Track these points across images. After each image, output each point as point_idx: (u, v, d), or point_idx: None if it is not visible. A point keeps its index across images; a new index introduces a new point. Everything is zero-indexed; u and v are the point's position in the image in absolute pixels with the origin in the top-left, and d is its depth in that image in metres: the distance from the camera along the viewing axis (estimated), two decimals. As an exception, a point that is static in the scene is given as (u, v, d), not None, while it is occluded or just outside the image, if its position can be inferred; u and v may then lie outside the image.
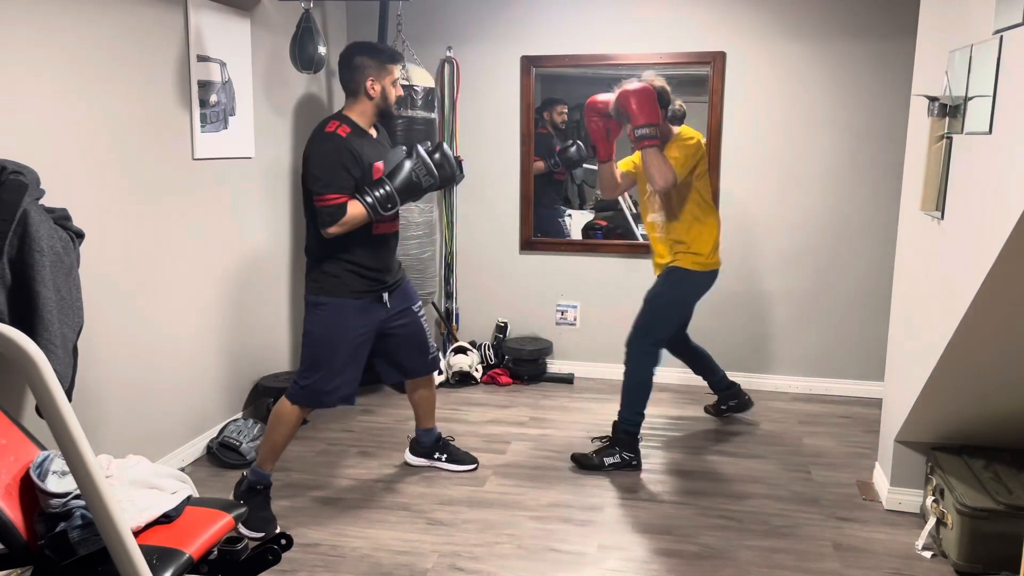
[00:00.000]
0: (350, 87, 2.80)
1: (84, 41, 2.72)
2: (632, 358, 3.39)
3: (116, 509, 1.50)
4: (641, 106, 3.14)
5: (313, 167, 2.69)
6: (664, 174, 3.16)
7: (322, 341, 2.81)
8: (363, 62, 2.76)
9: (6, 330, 1.37)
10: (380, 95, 2.80)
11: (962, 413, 2.77)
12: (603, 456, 3.35)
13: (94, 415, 2.80)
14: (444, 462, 3.35)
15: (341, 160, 2.68)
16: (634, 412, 3.38)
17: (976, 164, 2.28)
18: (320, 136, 2.72)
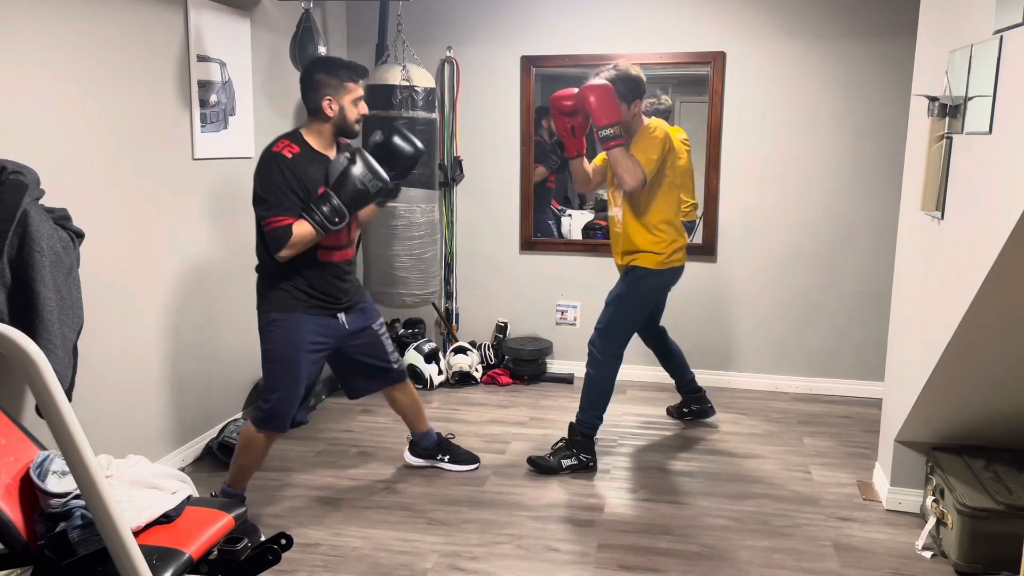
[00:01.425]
0: (309, 105, 2.73)
1: (84, 41, 2.72)
2: (593, 360, 3.32)
3: (116, 509, 1.50)
4: (601, 105, 3.04)
5: (258, 188, 2.63)
6: (633, 173, 3.09)
7: (282, 358, 2.74)
8: (320, 80, 2.68)
9: (6, 330, 1.37)
10: (338, 114, 2.71)
11: (962, 413, 2.77)
12: (560, 458, 3.29)
13: (94, 415, 2.79)
14: (447, 463, 3.32)
15: (285, 181, 2.60)
16: (593, 415, 3.32)
17: (976, 164, 2.28)
18: (265, 157, 2.66)
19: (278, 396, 2.75)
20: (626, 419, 3.97)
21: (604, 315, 3.35)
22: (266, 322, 2.75)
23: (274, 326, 2.73)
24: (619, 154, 3.08)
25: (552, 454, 3.34)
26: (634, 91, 3.16)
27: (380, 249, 3.96)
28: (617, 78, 3.15)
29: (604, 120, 3.04)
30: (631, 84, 3.15)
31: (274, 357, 2.75)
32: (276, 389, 2.76)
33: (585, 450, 3.32)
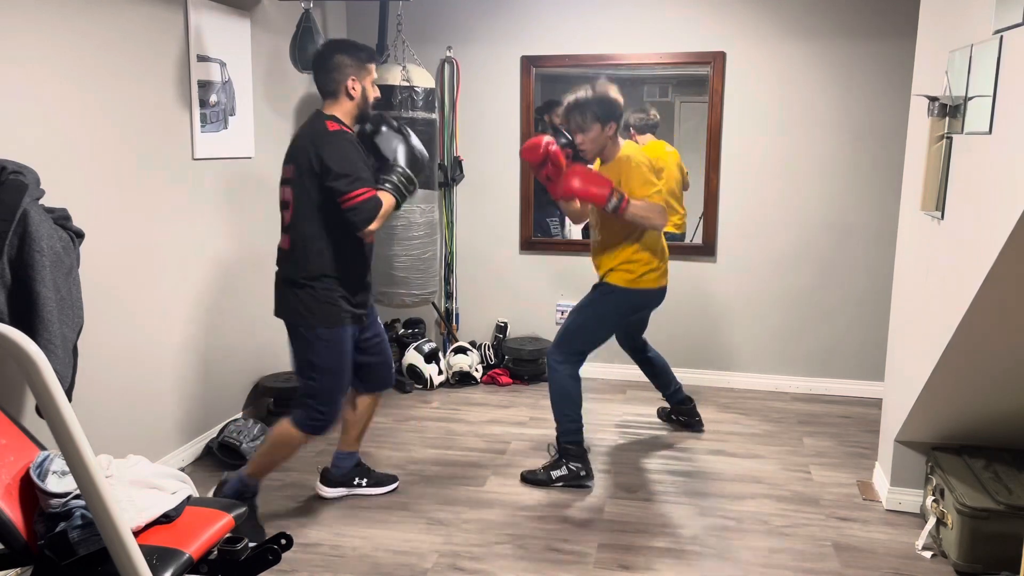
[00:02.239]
0: (328, 88, 2.67)
1: (84, 41, 2.72)
2: (550, 369, 3.25)
3: (116, 509, 1.50)
4: (588, 187, 2.99)
5: (336, 166, 2.52)
6: (658, 214, 3.06)
7: (334, 370, 2.70)
8: (343, 61, 2.65)
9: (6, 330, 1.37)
10: (360, 95, 2.69)
11: (962, 413, 2.77)
12: (550, 471, 3.22)
13: (94, 415, 2.79)
14: (365, 486, 3.12)
15: (359, 155, 2.60)
16: (568, 424, 3.22)
17: (976, 164, 2.28)
18: (330, 135, 2.58)
19: (332, 407, 2.73)
20: (626, 419, 3.97)
21: (565, 323, 3.28)
22: (313, 337, 2.67)
23: (323, 341, 2.67)
24: (636, 210, 3.02)
25: (544, 467, 3.26)
26: (609, 113, 3.08)
27: (380, 249, 3.96)
28: (593, 100, 3.09)
29: (602, 199, 2.99)
30: (606, 106, 3.08)
31: (325, 369, 2.69)
32: (330, 400, 2.72)
33: (576, 459, 3.21)
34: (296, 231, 2.64)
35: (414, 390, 4.38)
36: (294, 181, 2.62)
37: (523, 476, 3.27)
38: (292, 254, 2.67)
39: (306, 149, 2.58)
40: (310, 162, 2.56)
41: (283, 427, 2.75)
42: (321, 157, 2.54)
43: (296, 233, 2.64)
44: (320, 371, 2.69)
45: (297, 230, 2.63)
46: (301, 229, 2.63)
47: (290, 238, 2.66)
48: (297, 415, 2.73)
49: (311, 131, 2.63)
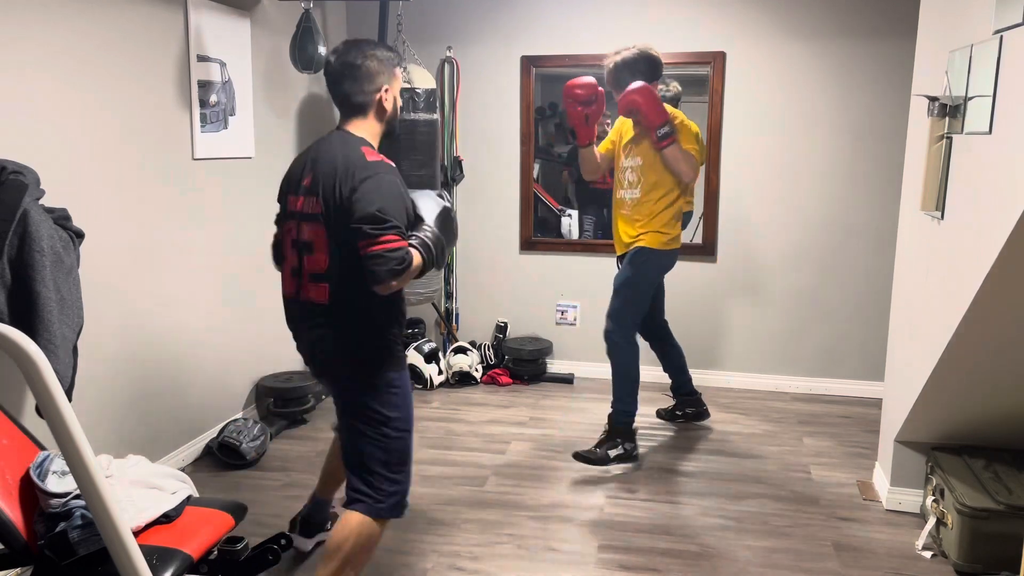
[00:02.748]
0: (357, 101, 2.17)
1: (84, 41, 2.72)
2: (615, 347, 3.36)
3: (116, 509, 1.50)
4: (651, 106, 3.13)
5: (368, 203, 2.01)
6: (692, 165, 3.22)
7: (406, 426, 2.25)
8: (376, 68, 2.16)
9: (6, 330, 1.37)
10: (392, 109, 2.24)
11: (962, 413, 2.77)
12: (607, 448, 3.33)
13: (94, 415, 2.80)
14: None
15: (402, 198, 2.10)
16: (629, 402, 3.37)
17: (976, 164, 2.28)
18: (371, 166, 2.07)
19: (406, 472, 2.28)
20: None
21: (615, 301, 3.38)
22: (384, 384, 2.18)
23: (395, 389, 2.21)
24: (676, 150, 3.18)
25: (597, 445, 3.35)
26: (655, 72, 3.23)
27: (380, 249, 3.95)
28: (640, 58, 3.21)
29: (659, 119, 3.14)
30: (653, 64, 3.23)
31: (403, 425, 2.23)
32: (405, 464, 2.27)
33: (628, 438, 3.37)
34: (336, 278, 2.11)
35: (414, 390, 4.38)
36: (325, 219, 2.09)
37: (577, 455, 3.32)
38: (336, 308, 2.13)
39: (337, 180, 2.06)
40: (342, 196, 2.05)
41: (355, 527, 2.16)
42: (355, 190, 2.03)
43: (337, 281, 2.11)
44: (396, 428, 2.21)
45: (338, 277, 2.10)
46: (343, 276, 2.10)
47: (329, 289, 2.11)
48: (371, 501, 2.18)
49: (344, 159, 2.09)
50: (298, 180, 2.20)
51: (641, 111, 3.15)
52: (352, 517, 2.16)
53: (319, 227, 2.10)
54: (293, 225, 2.20)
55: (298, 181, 2.20)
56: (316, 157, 2.17)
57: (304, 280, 2.16)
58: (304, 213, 2.14)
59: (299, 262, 2.17)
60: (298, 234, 2.17)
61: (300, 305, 2.20)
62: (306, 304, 2.17)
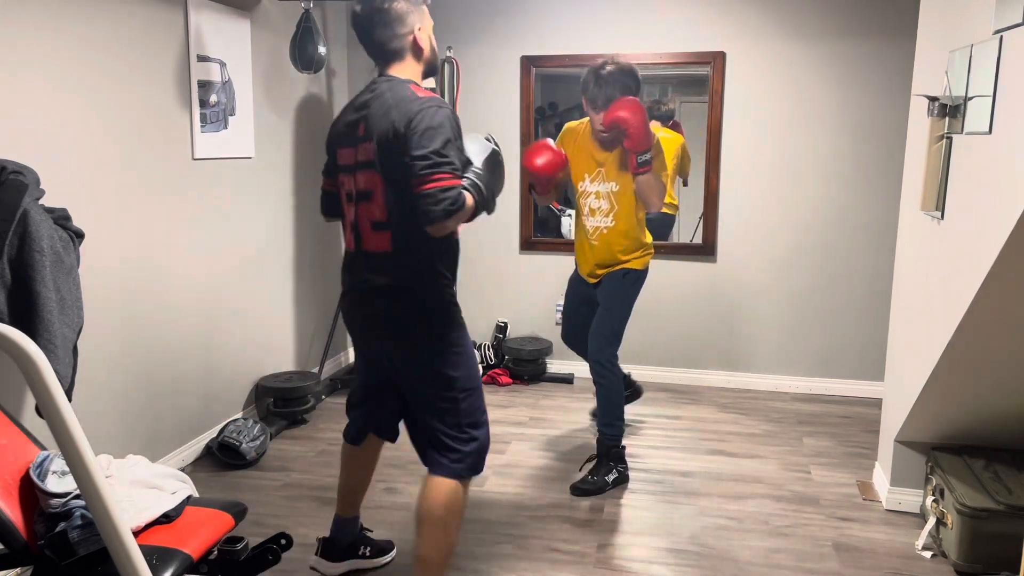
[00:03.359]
0: (392, 46, 2.11)
1: (84, 41, 2.72)
2: (604, 370, 3.18)
3: (116, 509, 1.50)
4: (642, 128, 2.91)
5: (423, 139, 1.95)
6: (661, 194, 3.06)
7: (476, 383, 2.22)
8: (404, 8, 2.10)
9: (6, 330, 1.37)
10: (430, 47, 2.19)
11: (962, 413, 2.77)
12: (603, 475, 3.18)
13: (94, 415, 2.80)
14: (368, 556, 2.62)
15: (457, 135, 2.06)
16: (618, 425, 3.22)
17: (976, 164, 2.28)
18: (421, 101, 2.01)
19: (485, 429, 2.24)
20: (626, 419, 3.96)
21: (606, 323, 3.20)
22: (445, 346, 2.16)
23: (458, 349, 2.19)
24: (652, 179, 3.00)
25: (592, 474, 3.20)
26: (638, 85, 3.05)
27: (380, 249, 3.96)
28: (628, 72, 3.02)
29: (645, 144, 2.93)
30: (639, 81, 3.05)
31: (469, 384, 2.19)
32: (481, 423, 2.23)
33: (621, 460, 3.24)
34: (398, 225, 2.06)
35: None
36: (380, 163, 2.03)
37: (574, 488, 3.16)
38: (398, 257, 2.09)
39: (390, 121, 2.00)
40: (396, 136, 1.99)
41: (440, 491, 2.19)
42: (408, 127, 1.97)
43: (399, 227, 2.06)
44: (463, 387, 2.18)
45: (399, 224, 2.06)
46: (404, 222, 2.05)
47: (391, 236, 2.07)
48: (448, 462, 2.18)
49: (394, 99, 2.04)
50: (349, 130, 2.14)
51: (630, 132, 2.90)
52: (436, 484, 2.17)
53: (374, 173, 2.05)
54: (347, 177, 2.15)
55: (349, 131, 2.14)
56: (366, 104, 2.11)
57: (365, 230, 2.11)
58: (359, 162, 2.09)
59: (356, 213, 2.12)
60: (355, 184, 2.11)
61: (362, 257, 2.13)
62: (368, 255, 2.12)
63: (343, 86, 4.69)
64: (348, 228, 2.19)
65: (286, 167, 4.10)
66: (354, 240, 2.16)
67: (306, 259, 4.32)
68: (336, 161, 2.22)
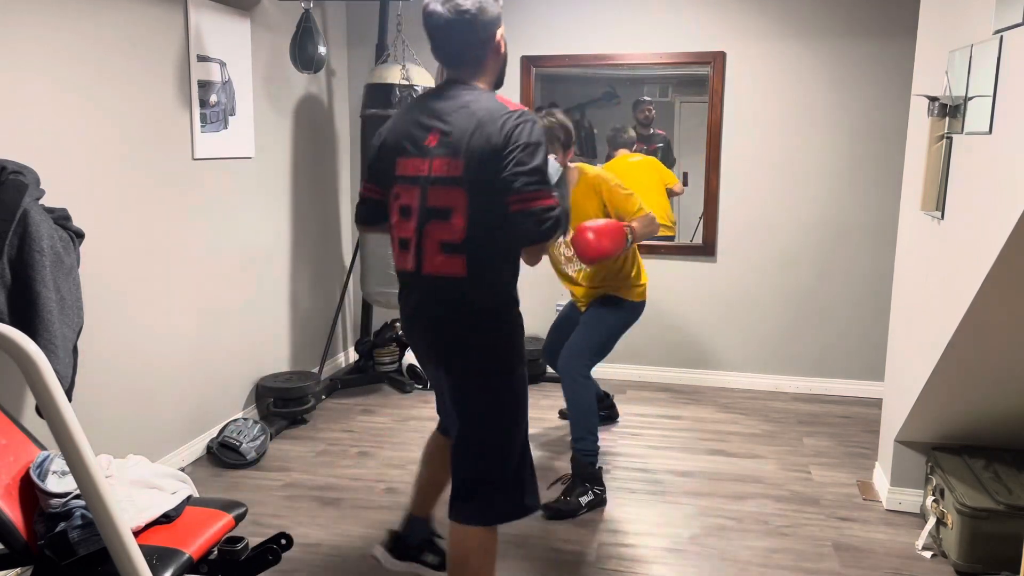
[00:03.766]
0: (475, 51, 1.93)
1: (84, 41, 2.72)
2: (576, 383, 3.07)
3: (116, 509, 1.50)
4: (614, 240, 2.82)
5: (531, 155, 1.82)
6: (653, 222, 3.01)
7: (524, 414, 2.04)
8: (492, 10, 1.91)
9: (6, 330, 1.37)
10: (505, 55, 2.03)
11: (962, 413, 2.77)
12: (577, 496, 2.99)
13: (94, 415, 2.80)
14: (432, 566, 2.46)
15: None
16: (592, 442, 3.06)
17: (976, 164, 2.28)
18: (519, 115, 1.86)
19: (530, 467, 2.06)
20: (626, 419, 3.97)
21: (582, 339, 3.13)
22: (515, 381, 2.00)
23: (519, 378, 2.01)
24: (641, 230, 2.96)
25: (565, 495, 3.01)
26: (570, 139, 2.93)
27: (380, 249, 3.96)
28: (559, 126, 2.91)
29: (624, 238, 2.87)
30: (568, 132, 2.92)
31: (524, 420, 2.03)
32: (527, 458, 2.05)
33: (597, 481, 3.06)
34: (476, 248, 1.88)
35: (414, 390, 4.38)
36: (469, 180, 1.85)
37: (548, 510, 2.93)
38: (474, 283, 1.90)
39: (483, 135, 1.83)
40: (491, 151, 1.82)
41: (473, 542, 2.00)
42: (510, 141, 1.82)
43: (477, 251, 1.88)
44: (520, 424, 2.02)
45: (478, 246, 1.88)
46: (483, 245, 1.88)
47: (466, 260, 1.88)
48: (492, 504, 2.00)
49: (485, 111, 1.87)
50: (415, 138, 1.93)
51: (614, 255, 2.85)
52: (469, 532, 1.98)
53: (458, 190, 1.85)
54: (407, 190, 1.93)
55: (415, 139, 1.93)
56: (439, 112, 1.91)
57: (430, 251, 1.90)
58: (436, 176, 1.88)
59: (419, 231, 1.90)
60: (423, 200, 1.89)
61: (424, 280, 1.93)
62: (434, 279, 1.91)
63: (343, 86, 4.69)
64: (402, 246, 1.96)
65: (286, 167, 4.10)
66: (414, 261, 1.93)
67: (306, 259, 4.32)
68: (393, 170, 1.99)
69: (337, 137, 4.65)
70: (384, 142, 2.04)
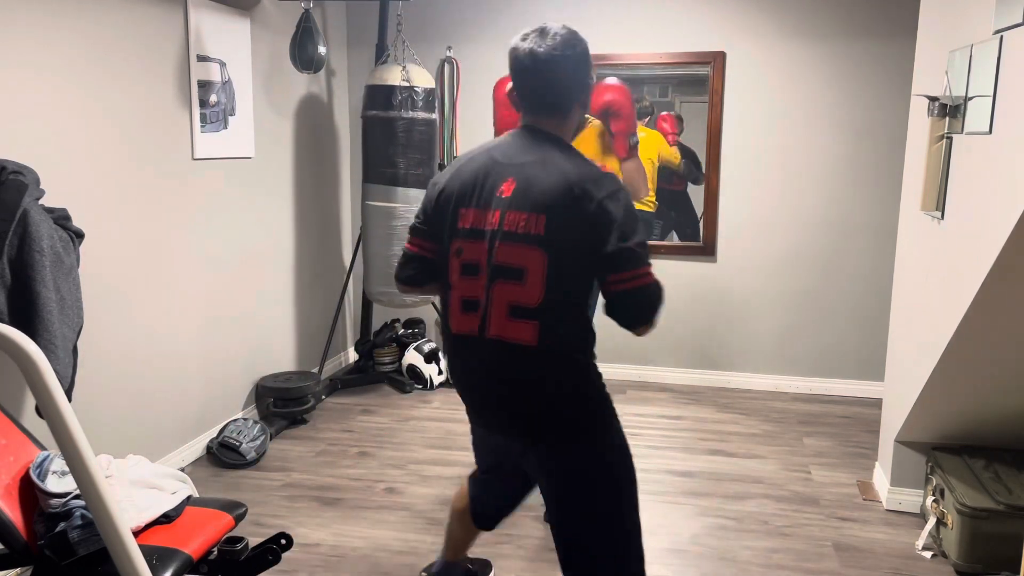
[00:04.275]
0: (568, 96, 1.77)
1: (84, 41, 2.72)
2: None
3: (116, 509, 1.50)
4: (631, 108, 2.81)
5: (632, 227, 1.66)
6: (646, 178, 2.95)
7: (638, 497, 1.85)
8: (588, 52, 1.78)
9: (6, 330, 1.37)
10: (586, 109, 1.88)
11: (962, 413, 2.77)
12: None
13: (94, 415, 2.80)
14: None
15: None
16: None
17: (976, 164, 2.28)
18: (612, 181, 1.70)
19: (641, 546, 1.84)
20: (626, 419, 3.95)
21: None
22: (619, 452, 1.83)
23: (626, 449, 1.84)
24: (639, 162, 2.83)
25: None
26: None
27: (380, 249, 3.96)
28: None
29: (635, 125, 2.83)
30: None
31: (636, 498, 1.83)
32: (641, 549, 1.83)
33: None
34: (549, 316, 1.69)
35: (414, 390, 4.38)
36: (552, 241, 1.65)
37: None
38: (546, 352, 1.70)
39: (576, 194, 1.65)
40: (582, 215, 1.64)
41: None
42: (608, 212, 1.64)
43: (548, 319, 1.69)
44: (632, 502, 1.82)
45: (554, 313, 1.69)
46: (559, 311, 1.70)
47: (537, 326, 1.68)
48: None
49: (575, 170, 1.69)
50: (483, 188, 1.73)
51: (623, 114, 2.76)
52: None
53: (538, 251, 1.65)
54: (471, 245, 1.73)
55: (484, 189, 1.73)
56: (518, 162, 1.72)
57: (496, 315, 1.70)
58: (512, 232, 1.68)
59: (487, 292, 1.71)
60: (491, 257, 1.70)
61: (488, 346, 1.73)
62: (501, 345, 1.71)
63: (343, 86, 4.69)
64: (465, 307, 1.76)
65: (286, 167, 4.10)
66: (479, 324, 1.73)
67: (306, 259, 4.32)
68: (455, 222, 1.77)
69: (337, 137, 4.65)
70: (444, 190, 1.80)
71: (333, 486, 3.21)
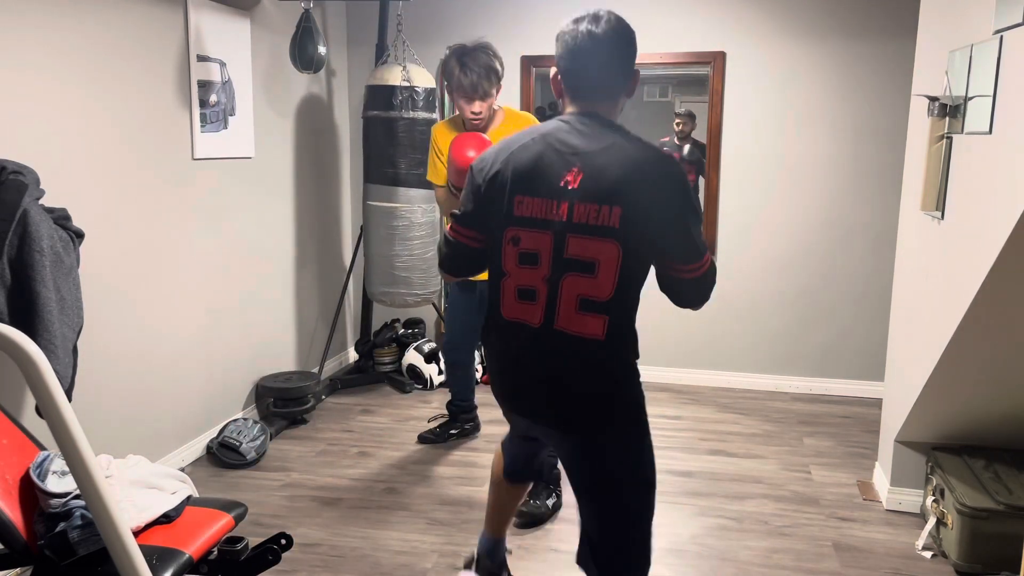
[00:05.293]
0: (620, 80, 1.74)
1: (84, 41, 2.72)
2: None
3: (116, 509, 1.50)
4: None
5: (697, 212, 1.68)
6: None
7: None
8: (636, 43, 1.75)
9: (6, 330, 1.37)
10: None
11: (962, 413, 2.77)
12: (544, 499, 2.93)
13: (94, 415, 2.80)
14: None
15: None
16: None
17: (976, 164, 2.28)
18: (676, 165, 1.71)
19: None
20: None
21: None
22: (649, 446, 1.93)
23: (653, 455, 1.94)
24: None
25: (532, 497, 2.91)
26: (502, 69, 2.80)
27: (381, 249, 3.96)
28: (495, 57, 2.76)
29: None
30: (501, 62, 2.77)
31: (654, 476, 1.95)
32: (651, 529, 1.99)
33: (558, 484, 3.00)
34: (621, 308, 1.68)
35: (414, 390, 4.38)
36: (629, 234, 1.61)
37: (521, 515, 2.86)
38: (612, 346, 1.69)
39: (645, 184, 1.62)
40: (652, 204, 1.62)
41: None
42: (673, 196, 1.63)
43: (621, 311, 1.68)
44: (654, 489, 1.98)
45: (622, 307, 1.68)
46: (626, 304, 1.69)
47: (608, 321, 1.66)
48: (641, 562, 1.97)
49: (640, 153, 1.65)
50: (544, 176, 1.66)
51: None
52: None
53: (612, 244, 1.61)
54: (533, 234, 1.67)
55: (545, 177, 1.66)
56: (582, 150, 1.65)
57: (564, 308, 1.66)
58: (584, 224, 1.62)
59: (552, 283, 1.66)
60: (558, 248, 1.65)
61: (550, 337, 1.68)
62: (565, 338, 1.67)
63: (343, 86, 4.69)
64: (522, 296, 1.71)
65: (286, 167, 4.10)
66: (541, 315, 1.68)
67: (306, 259, 4.32)
68: (510, 209, 1.70)
69: (337, 137, 4.65)
70: (497, 175, 1.72)
71: (333, 486, 3.21)
